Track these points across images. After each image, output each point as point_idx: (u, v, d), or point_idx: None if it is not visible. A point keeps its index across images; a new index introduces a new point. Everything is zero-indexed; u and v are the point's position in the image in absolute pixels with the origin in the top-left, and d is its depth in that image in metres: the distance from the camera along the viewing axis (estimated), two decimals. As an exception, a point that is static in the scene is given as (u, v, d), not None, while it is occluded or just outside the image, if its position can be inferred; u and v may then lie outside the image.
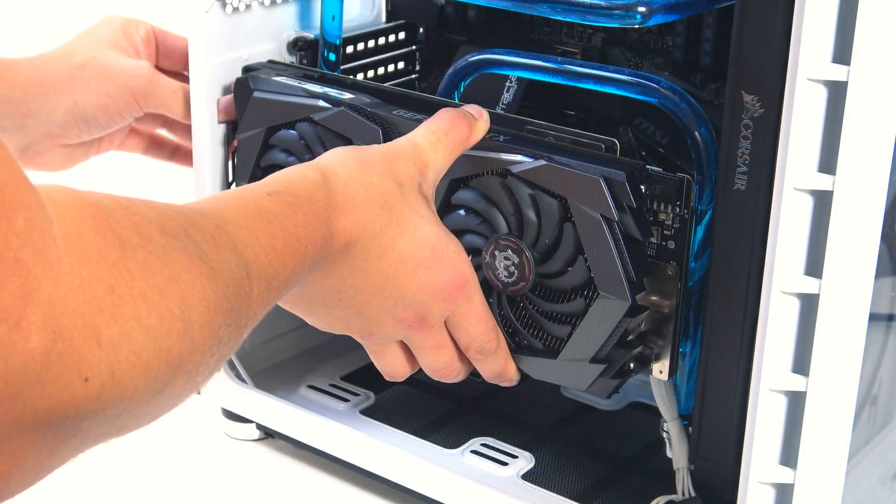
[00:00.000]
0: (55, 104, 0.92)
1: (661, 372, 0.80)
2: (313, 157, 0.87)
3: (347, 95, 0.87)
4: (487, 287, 0.81)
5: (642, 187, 0.75)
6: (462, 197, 0.80)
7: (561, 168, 0.75)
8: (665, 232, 0.77)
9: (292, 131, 0.88)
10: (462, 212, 0.81)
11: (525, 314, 0.80)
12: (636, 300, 0.75)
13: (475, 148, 0.79)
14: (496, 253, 0.79)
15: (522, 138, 0.80)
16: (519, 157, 0.77)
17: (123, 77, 0.93)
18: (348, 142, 0.85)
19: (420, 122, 0.81)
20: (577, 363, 0.78)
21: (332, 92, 0.87)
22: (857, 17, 0.65)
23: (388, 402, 1.00)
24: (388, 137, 0.83)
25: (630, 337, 0.78)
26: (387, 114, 0.83)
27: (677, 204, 0.76)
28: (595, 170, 0.74)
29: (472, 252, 0.81)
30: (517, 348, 0.81)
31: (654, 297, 0.78)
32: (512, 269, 0.79)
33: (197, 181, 0.95)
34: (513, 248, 0.78)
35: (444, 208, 0.81)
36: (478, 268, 0.80)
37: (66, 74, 0.92)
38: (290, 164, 0.88)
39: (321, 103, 0.86)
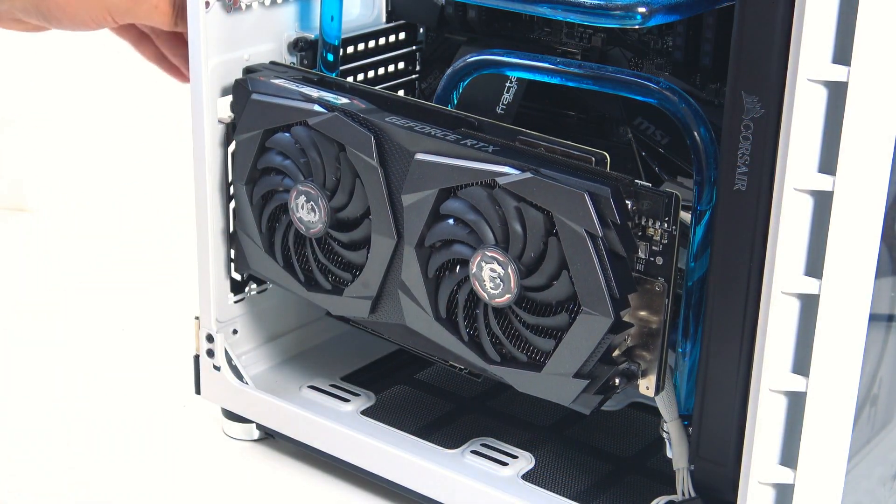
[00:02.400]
0: None
1: (647, 388, 0.79)
2: (307, 161, 0.87)
3: (343, 100, 0.87)
4: (474, 298, 0.81)
5: (628, 203, 0.75)
6: (451, 207, 0.80)
7: (547, 181, 0.75)
8: (653, 247, 0.77)
9: (287, 134, 0.88)
10: (451, 221, 0.80)
11: (510, 326, 0.80)
12: (620, 317, 0.75)
13: (464, 158, 0.79)
14: (482, 264, 0.79)
15: (512, 149, 0.80)
16: (506, 169, 0.77)
17: None
18: (341, 147, 0.85)
19: (411, 128, 0.81)
20: (561, 377, 0.78)
21: (328, 96, 0.87)
22: (857, 17, 0.65)
23: (389, 402, 1.00)
24: (380, 144, 0.83)
25: (615, 353, 0.78)
26: (379, 120, 0.83)
27: (665, 220, 0.75)
28: (581, 184, 0.74)
29: (460, 262, 0.81)
30: (502, 360, 0.81)
31: (641, 313, 0.78)
32: (498, 280, 0.78)
33: (196, 181, 0.95)
34: (499, 260, 0.78)
35: (434, 217, 0.81)
36: (465, 278, 0.80)
37: None
38: (285, 167, 0.89)
39: (316, 108, 0.86)
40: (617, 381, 0.78)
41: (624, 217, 0.74)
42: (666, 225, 0.75)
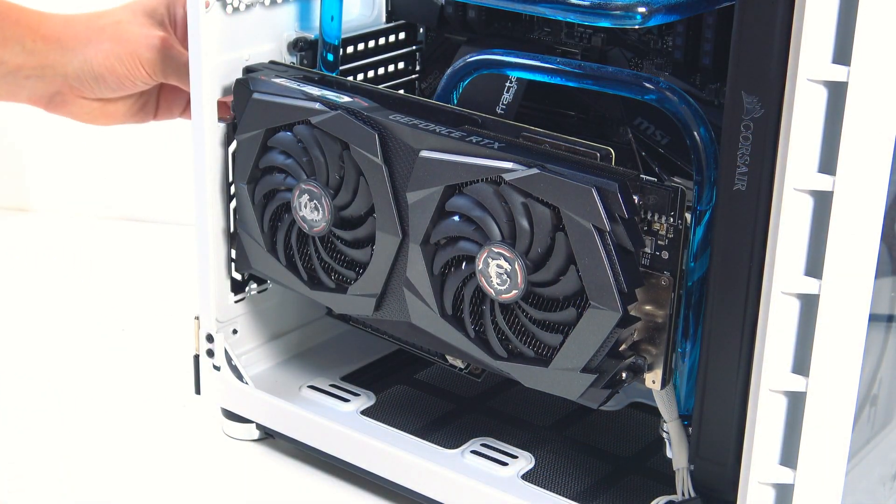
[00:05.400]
0: (69, 59, 0.98)
1: (653, 382, 0.79)
2: (310, 159, 0.87)
3: (345, 98, 0.87)
4: (481, 294, 0.81)
5: (635, 198, 0.75)
6: (456, 203, 0.80)
7: (554, 177, 0.75)
8: (659, 242, 0.77)
9: (290, 133, 0.88)
10: (456, 218, 0.81)
11: (517, 322, 0.80)
12: (627, 311, 0.75)
13: (470, 154, 0.79)
14: (489, 260, 0.79)
15: (518, 145, 0.80)
16: (512, 165, 0.77)
17: (133, 44, 0.97)
18: (345, 145, 0.85)
19: (415, 126, 0.81)
20: (569, 372, 0.78)
21: (330, 95, 0.87)
22: (857, 17, 0.65)
23: (389, 402, 1.00)
24: (384, 141, 0.83)
25: (622, 347, 0.78)
26: (383, 118, 0.83)
27: (671, 214, 0.76)
28: (588, 179, 0.74)
29: (466, 259, 0.81)
30: (509, 356, 0.81)
31: (647, 307, 0.78)
32: (504, 276, 0.78)
33: (196, 181, 0.95)
34: (505, 256, 0.78)
35: (439, 214, 0.81)
36: (471, 275, 0.80)
37: (85, 34, 0.98)
38: (287, 166, 0.89)
39: (319, 106, 0.86)
40: (624, 375, 0.78)
41: (631, 211, 0.74)
42: (671, 219, 0.76)
